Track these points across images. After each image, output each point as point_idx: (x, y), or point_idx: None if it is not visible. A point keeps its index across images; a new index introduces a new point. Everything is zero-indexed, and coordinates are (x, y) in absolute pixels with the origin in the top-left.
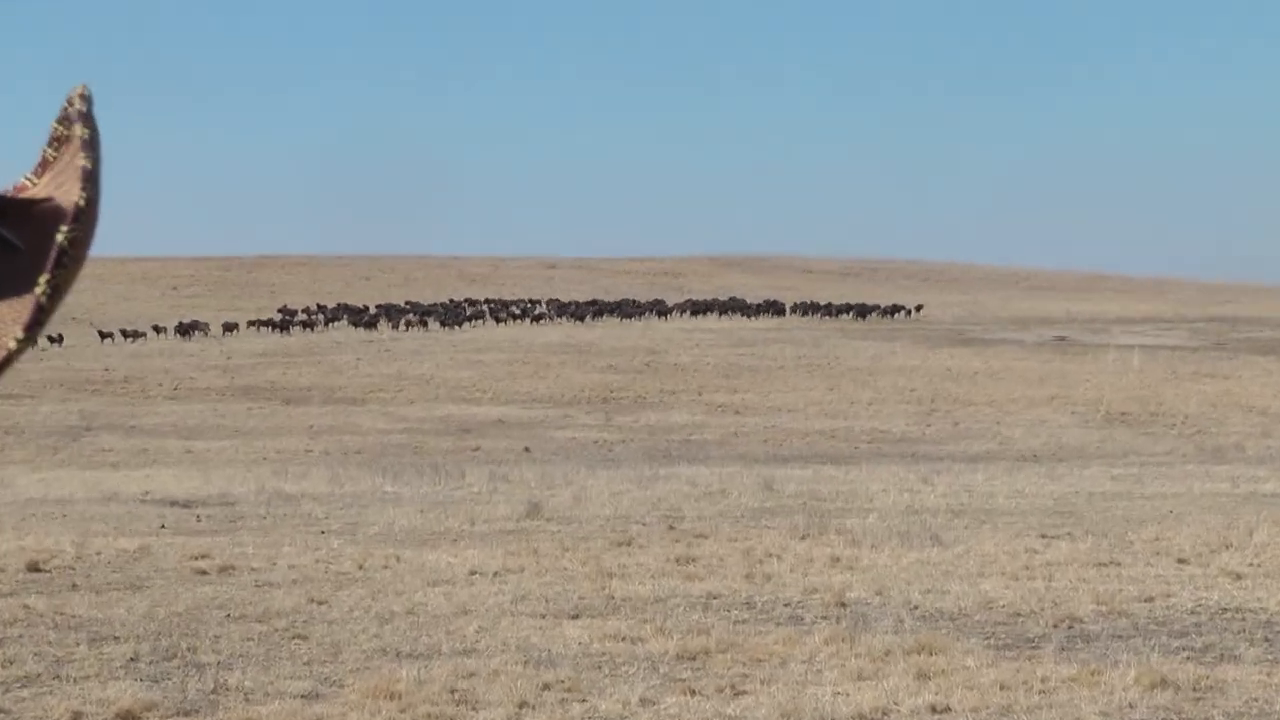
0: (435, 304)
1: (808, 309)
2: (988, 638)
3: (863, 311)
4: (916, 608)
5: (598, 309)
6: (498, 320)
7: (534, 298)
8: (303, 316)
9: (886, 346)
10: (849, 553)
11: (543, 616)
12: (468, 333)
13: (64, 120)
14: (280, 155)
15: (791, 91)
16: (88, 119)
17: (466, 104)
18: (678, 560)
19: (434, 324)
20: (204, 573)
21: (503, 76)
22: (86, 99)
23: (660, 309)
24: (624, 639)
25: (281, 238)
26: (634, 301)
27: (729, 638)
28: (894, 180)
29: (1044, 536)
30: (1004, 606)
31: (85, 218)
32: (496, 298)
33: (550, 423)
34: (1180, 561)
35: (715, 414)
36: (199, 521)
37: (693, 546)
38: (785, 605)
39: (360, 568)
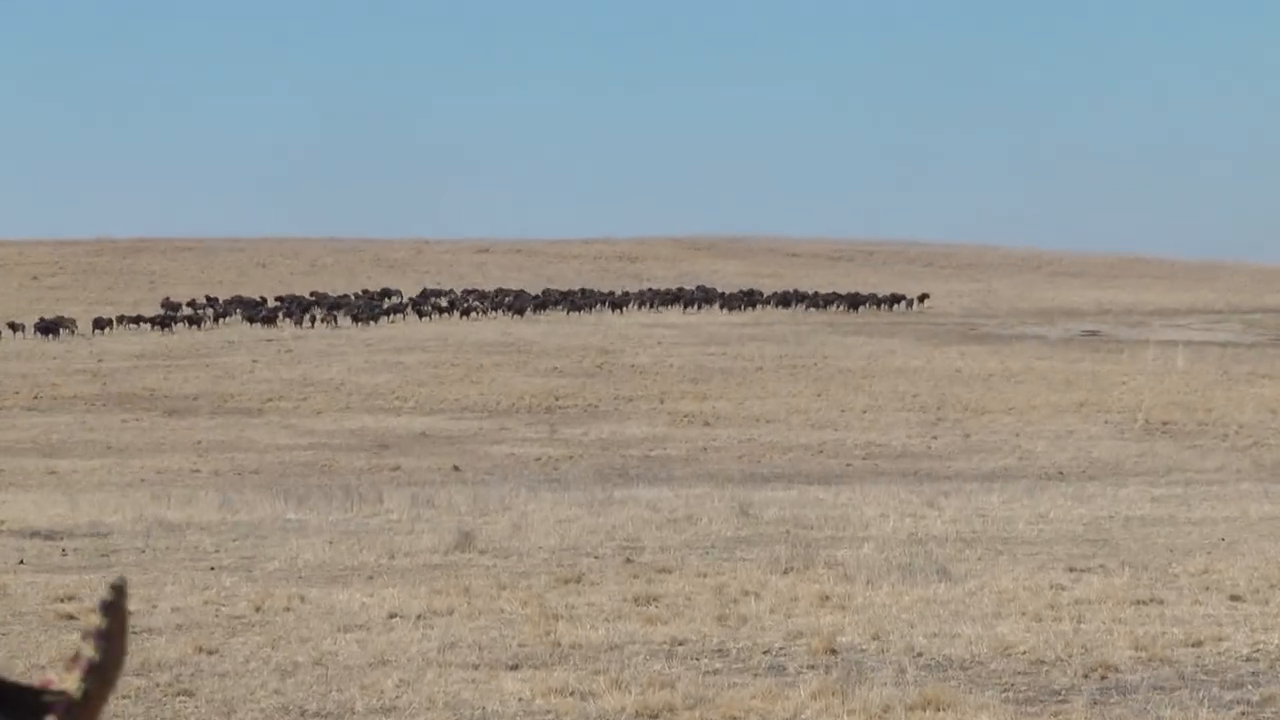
0: (346, 295)
1: (791, 299)
2: (1005, 690)
3: (856, 302)
4: (920, 655)
5: (540, 301)
6: (421, 314)
7: (465, 287)
8: (188, 311)
9: (884, 344)
10: (840, 590)
11: (475, 667)
12: (385, 329)
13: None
14: (162, 124)
15: (771, 46)
16: (109, 608)
17: (384, 63)
18: (636, 600)
19: (345, 319)
20: (71, 617)
21: (427, 35)
22: (117, 589)
23: (615, 301)
24: (573, 694)
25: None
26: (583, 292)
27: (698, 692)
28: (893, 149)
29: (1072, 570)
30: (1025, 653)
31: (73, 713)
32: (420, 288)
33: (484, 436)
34: (1233, 599)
35: (680, 425)
36: (64, 556)
37: (654, 583)
38: (765, 653)
39: (258, 610)
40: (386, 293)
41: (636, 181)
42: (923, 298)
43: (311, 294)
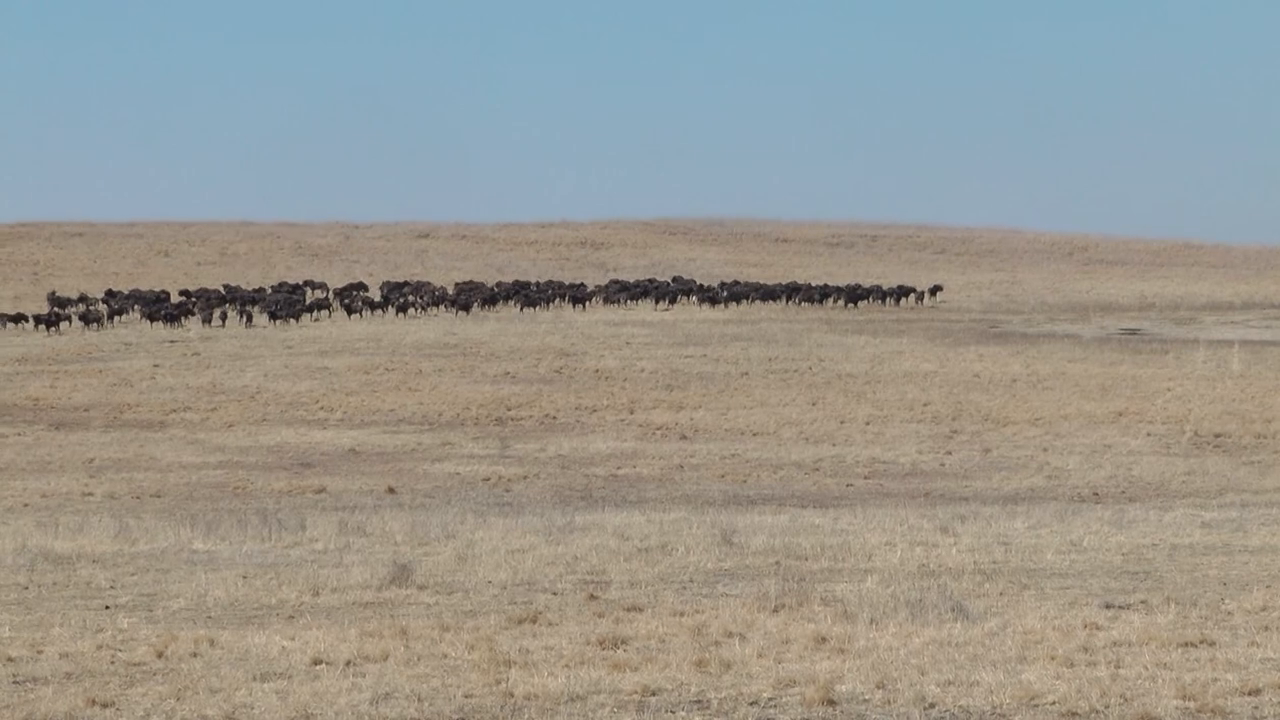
0: (263, 289)
1: (781, 292)
2: None
3: (857, 295)
4: (933, 706)
5: (490, 295)
6: (350, 311)
7: (401, 279)
8: (79, 307)
9: (891, 344)
10: (839, 630)
11: None
12: (309, 328)
13: None
14: (42, 91)
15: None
16: None
17: (305, 23)
18: (602, 643)
19: (261, 316)
20: None
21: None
22: None
23: (576, 294)
24: None
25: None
26: (540, 284)
27: None
28: (899, 118)
29: (1109, 607)
30: (1054, 703)
31: None
32: (349, 279)
33: (424, 453)
34: None
35: (653, 439)
36: None
37: (622, 623)
38: (751, 704)
39: (160, 656)
40: (310, 285)
41: (601, 156)
42: (935, 290)
43: (224, 287)
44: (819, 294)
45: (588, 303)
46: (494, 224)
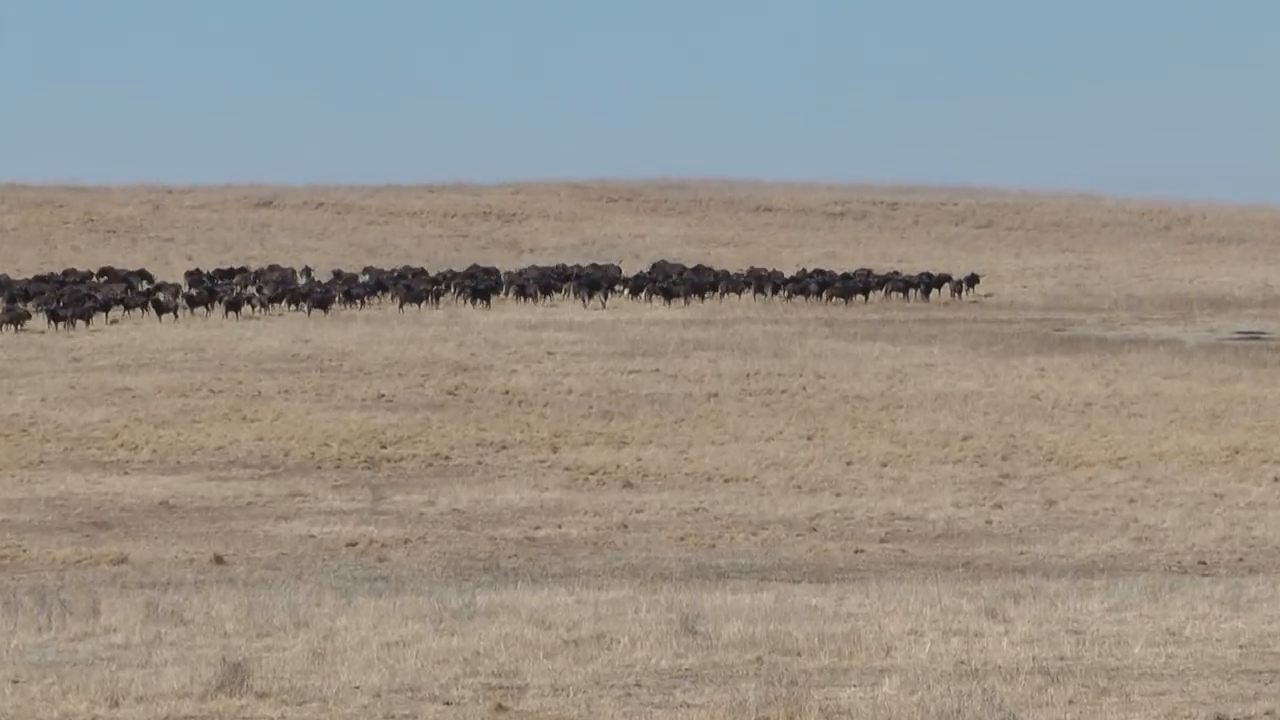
0: (38, 279)
1: (764, 281)
2: None
3: (869, 285)
4: None
5: (358, 288)
6: (161, 309)
7: (233, 263)
8: None
9: (917, 354)
10: None
11: None
12: (103, 334)
13: None
14: None
15: None
16: None
17: None
18: None
19: (38, 317)
20: None
21: None
22: None
23: (479, 285)
24: None
25: None
26: (428, 273)
27: None
28: (926, 44)
29: (1222, 719)
30: None
31: None
32: (161, 264)
33: (264, 507)
34: None
35: (586, 488)
36: None
37: None
38: None
39: None
40: (107, 275)
41: (513, 95)
42: (973, 281)
43: None
44: (816, 284)
45: (494, 296)
46: (362, 187)
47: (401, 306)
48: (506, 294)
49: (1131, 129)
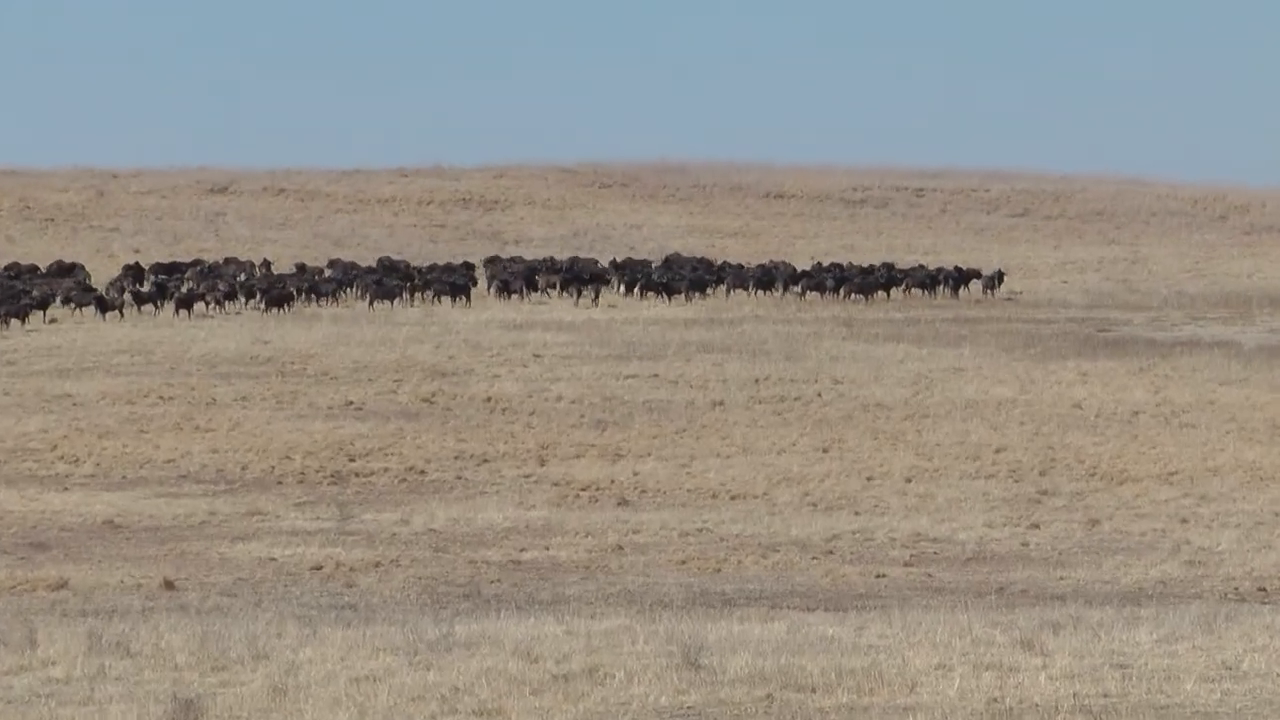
0: None
1: (775, 277)
2: None
3: (892, 281)
4: None
5: (324, 284)
6: (105, 308)
7: (185, 255)
8: None
9: (945, 357)
10: None
11: None
12: (40, 334)
13: None
14: None
15: None
16: None
17: None
18: None
19: None
20: None
21: None
22: None
23: (458, 280)
24: None
25: None
26: (400, 266)
27: None
28: (954, 14)
29: None
30: None
31: None
32: (105, 257)
33: (220, 527)
34: None
35: (576, 505)
36: None
37: None
38: None
39: None
40: (36, 272)
41: (497, 71)
42: (999, 278)
43: None
44: (833, 279)
45: (473, 293)
46: (328, 171)
47: (371, 304)
48: (488, 290)
49: (1184, 108)
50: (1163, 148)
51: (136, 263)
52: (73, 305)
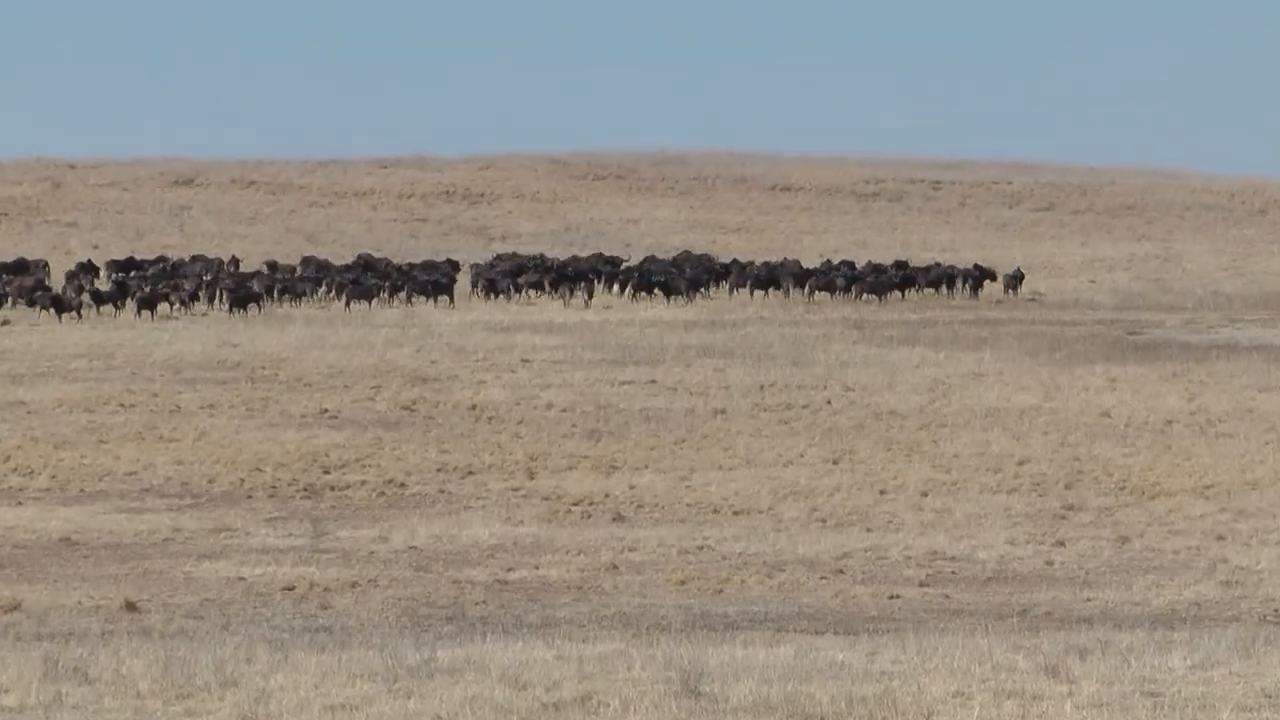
0: None
1: (779, 275)
2: None
3: (907, 281)
4: None
5: (297, 283)
6: (62, 306)
7: (148, 252)
8: None
9: (964, 361)
10: None
11: None
12: None
13: None
14: None
15: None
16: None
17: None
18: None
19: None
20: None
21: None
22: None
23: (439, 280)
24: None
25: None
26: (379, 264)
27: None
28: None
29: None
30: None
31: None
32: (62, 253)
33: (185, 544)
34: None
35: (568, 521)
36: None
37: None
38: None
39: None
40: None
41: (482, 57)
42: (1018, 278)
43: None
44: (844, 278)
45: (457, 293)
46: (301, 161)
47: (348, 305)
48: (474, 290)
49: (1220, 95)
50: (1198, 137)
51: (89, 260)
52: (28, 305)
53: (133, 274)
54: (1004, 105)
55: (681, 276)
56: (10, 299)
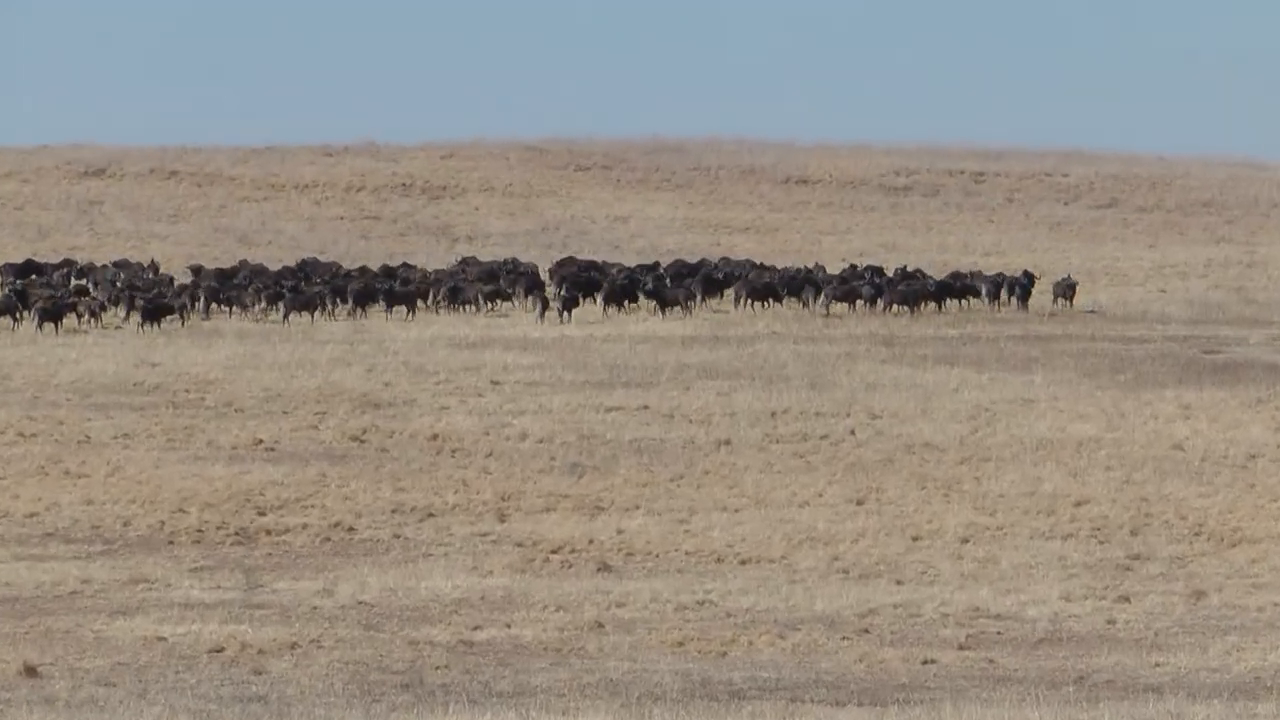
0: None
1: (797, 283)
2: None
3: (944, 291)
4: None
5: (227, 288)
6: None
7: (53, 254)
8: None
9: (1010, 385)
10: None
11: None
12: None
13: None
14: None
15: None
16: None
17: None
18: None
19: None
20: None
21: None
22: None
23: (397, 289)
24: None
25: None
26: (325, 268)
27: None
28: None
29: None
30: None
31: None
32: None
33: (95, 597)
34: None
35: (545, 571)
36: None
37: None
38: None
39: None
40: None
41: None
42: (1070, 286)
43: None
44: (870, 286)
45: (418, 303)
46: (232, 149)
47: (286, 317)
48: (434, 299)
49: None
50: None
51: (57, 264)
52: None
53: (34, 280)
54: (1058, 84)
55: (679, 285)
56: None
